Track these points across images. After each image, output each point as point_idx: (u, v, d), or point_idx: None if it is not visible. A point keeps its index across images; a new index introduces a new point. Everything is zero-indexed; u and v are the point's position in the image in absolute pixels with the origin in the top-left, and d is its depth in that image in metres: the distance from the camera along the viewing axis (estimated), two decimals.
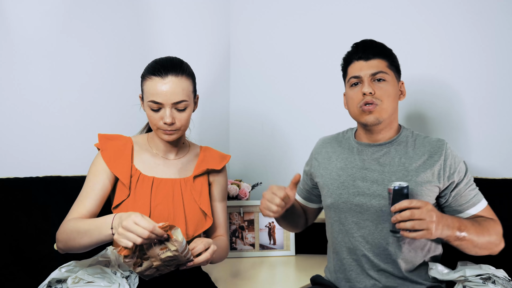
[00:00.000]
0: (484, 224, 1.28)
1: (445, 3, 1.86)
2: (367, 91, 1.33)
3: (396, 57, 1.42)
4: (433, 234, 1.16)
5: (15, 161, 1.56)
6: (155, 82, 1.30)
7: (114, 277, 1.25)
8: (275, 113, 2.30)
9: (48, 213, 1.44)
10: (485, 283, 1.25)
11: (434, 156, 1.33)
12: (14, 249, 1.35)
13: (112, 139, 1.41)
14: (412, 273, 1.34)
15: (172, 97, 1.29)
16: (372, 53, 1.37)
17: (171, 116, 1.30)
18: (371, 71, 1.36)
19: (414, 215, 1.15)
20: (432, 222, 1.15)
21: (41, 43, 1.63)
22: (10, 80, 1.56)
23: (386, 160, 1.37)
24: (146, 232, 1.05)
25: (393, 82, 1.37)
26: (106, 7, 1.82)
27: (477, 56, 1.81)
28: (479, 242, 1.25)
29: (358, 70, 1.38)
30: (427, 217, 1.15)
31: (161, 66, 1.31)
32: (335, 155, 1.48)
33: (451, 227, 1.20)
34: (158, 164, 1.41)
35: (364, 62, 1.38)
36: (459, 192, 1.33)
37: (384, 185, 1.34)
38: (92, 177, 1.34)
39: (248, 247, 1.97)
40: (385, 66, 1.37)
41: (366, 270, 1.35)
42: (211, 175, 1.49)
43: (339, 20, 2.12)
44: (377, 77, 1.35)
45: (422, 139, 1.39)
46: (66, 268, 1.27)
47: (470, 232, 1.23)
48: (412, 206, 1.16)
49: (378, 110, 1.34)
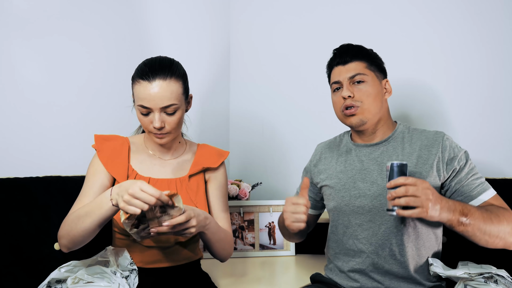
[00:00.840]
0: (493, 211, 1.21)
1: (445, 4, 1.86)
2: (346, 95, 1.36)
3: (377, 56, 1.43)
4: (429, 213, 1.12)
5: (15, 161, 1.56)
6: (143, 86, 1.27)
7: (114, 277, 1.25)
8: (275, 113, 2.30)
9: (48, 213, 1.44)
10: (487, 283, 1.24)
11: (432, 149, 1.32)
12: (14, 249, 1.35)
13: (109, 139, 1.41)
14: (417, 272, 1.32)
15: (160, 102, 1.27)
16: (349, 56, 1.40)
17: (160, 120, 1.28)
18: (349, 74, 1.38)
19: (408, 191, 1.12)
20: (428, 200, 1.11)
21: (41, 43, 1.63)
22: (10, 80, 1.56)
23: (384, 159, 1.37)
24: (153, 198, 1.06)
25: (373, 82, 1.38)
26: (106, 8, 1.82)
27: (477, 55, 1.81)
28: (488, 229, 1.17)
29: (337, 75, 1.41)
30: (422, 194, 1.11)
31: (149, 69, 1.28)
32: (334, 159, 1.49)
33: (452, 209, 1.15)
34: (155, 164, 1.41)
35: (342, 67, 1.40)
36: (460, 181, 1.29)
37: (383, 185, 1.34)
38: (91, 177, 1.34)
39: (248, 247, 1.97)
40: (363, 68, 1.38)
41: (369, 272, 1.35)
42: (207, 173, 1.47)
43: (339, 20, 2.12)
44: (355, 80, 1.37)
45: (419, 133, 1.39)
46: (66, 268, 1.27)
47: (475, 217, 1.17)
48: (407, 183, 1.13)
49: (360, 111, 1.36)
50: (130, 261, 1.32)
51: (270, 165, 2.31)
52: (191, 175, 1.43)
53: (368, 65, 1.39)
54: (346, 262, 1.40)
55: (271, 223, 1.99)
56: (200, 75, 2.23)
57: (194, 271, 1.46)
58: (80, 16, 1.73)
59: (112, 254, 1.31)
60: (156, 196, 1.07)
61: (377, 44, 2.01)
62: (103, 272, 1.26)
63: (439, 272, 1.28)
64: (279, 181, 2.27)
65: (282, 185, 2.26)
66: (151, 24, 2.00)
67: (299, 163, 2.20)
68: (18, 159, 1.57)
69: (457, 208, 1.16)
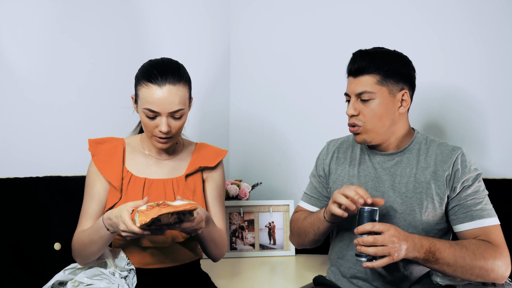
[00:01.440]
0: (470, 248, 1.18)
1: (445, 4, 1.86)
2: (350, 113, 1.30)
3: (401, 62, 1.31)
4: (395, 259, 1.13)
5: (15, 161, 1.56)
6: (152, 90, 1.25)
7: (113, 278, 1.25)
8: (275, 113, 2.30)
9: (48, 213, 1.44)
10: (485, 286, 1.24)
11: (444, 165, 1.29)
12: (14, 249, 1.35)
13: (102, 142, 1.40)
14: (420, 283, 1.32)
15: (169, 107, 1.26)
16: (361, 69, 1.28)
17: (167, 125, 1.27)
18: (357, 90, 1.29)
19: (377, 241, 1.12)
20: (393, 248, 1.12)
21: (41, 43, 1.63)
22: (10, 80, 1.56)
23: (397, 171, 1.33)
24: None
25: (383, 99, 1.28)
26: (106, 8, 1.82)
27: (477, 55, 1.80)
28: (459, 265, 1.17)
29: (348, 86, 1.33)
30: (388, 243, 1.12)
31: (158, 73, 1.26)
32: (347, 161, 1.42)
33: (418, 248, 1.15)
34: (150, 164, 1.40)
35: (353, 79, 1.30)
36: (458, 201, 1.27)
37: (394, 197, 1.31)
38: (90, 183, 1.37)
39: (248, 247, 1.97)
40: (373, 84, 1.27)
41: (371, 281, 1.34)
42: (204, 172, 1.45)
43: (339, 20, 2.11)
44: (362, 97, 1.28)
45: (436, 146, 1.33)
46: (70, 271, 1.29)
47: (444, 255, 1.16)
48: (374, 230, 1.13)
49: (364, 131, 1.30)
50: (127, 261, 1.32)
51: (270, 165, 2.31)
52: (187, 174, 1.41)
53: (381, 78, 1.27)
54: (348, 268, 1.38)
55: (271, 223, 1.99)
56: (200, 75, 2.23)
57: (194, 271, 1.46)
58: (80, 16, 1.73)
59: (109, 255, 1.31)
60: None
61: (377, 44, 2.01)
62: (102, 274, 1.27)
63: (439, 281, 1.29)
64: (279, 181, 2.27)
65: (282, 185, 2.26)
66: (151, 24, 2.00)
67: (299, 163, 2.20)
68: (18, 159, 1.57)
69: (423, 245, 1.16)
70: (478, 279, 1.20)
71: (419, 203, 1.29)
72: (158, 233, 1.16)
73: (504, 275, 1.19)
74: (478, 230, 1.23)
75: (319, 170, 1.51)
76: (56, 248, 1.41)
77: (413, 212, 1.29)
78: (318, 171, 1.51)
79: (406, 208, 1.30)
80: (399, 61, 1.31)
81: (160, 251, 1.36)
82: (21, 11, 1.57)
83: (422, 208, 1.28)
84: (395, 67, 1.29)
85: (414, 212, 1.29)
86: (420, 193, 1.29)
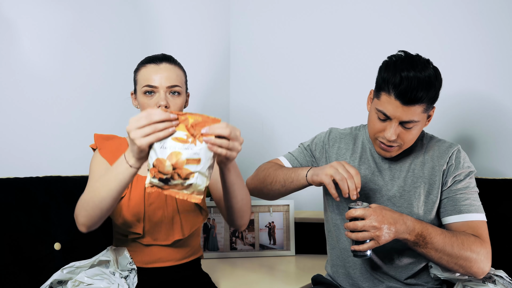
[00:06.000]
0: (462, 237, 1.20)
1: (446, 4, 1.86)
2: (391, 138, 1.23)
3: (440, 86, 1.24)
4: (381, 242, 1.15)
5: (15, 161, 1.56)
6: (150, 69, 1.32)
7: (113, 277, 1.25)
8: (275, 112, 2.30)
9: (48, 213, 1.44)
10: (485, 283, 1.24)
11: (441, 161, 1.32)
12: (14, 249, 1.34)
13: (108, 139, 1.41)
14: (418, 276, 1.34)
15: (167, 81, 1.30)
16: (416, 100, 1.18)
17: (166, 100, 1.29)
18: (403, 118, 1.21)
19: (356, 226, 1.16)
20: (375, 233, 1.14)
21: (40, 43, 1.63)
22: (10, 80, 1.56)
23: (397, 165, 1.35)
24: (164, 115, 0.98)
25: (422, 122, 1.25)
26: (106, 8, 1.82)
27: (477, 55, 1.81)
28: (447, 253, 1.18)
29: (391, 109, 1.21)
30: (370, 228, 1.14)
31: (155, 57, 1.35)
32: (349, 151, 1.42)
33: (410, 229, 1.17)
34: None
35: (399, 105, 1.19)
36: (448, 194, 1.30)
37: (393, 191, 1.33)
38: (96, 169, 1.33)
39: (248, 247, 1.97)
40: (420, 113, 1.21)
41: (369, 270, 1.36)
42: None
43: (339, 20, 2.12)
44: (406, 126, 1.23)
45: (434, 143, 1.36)
46: (68, 270, 1.28)
47: (435, 240, 1.18)
48: (355, 215, 1.16)
49: (396, 150, 1.29)
50: (129, 261, 1.32)
51: None
52: None
53: (427, 107, 1.22)
54: (345, 259, 1.40)
55: (271, 223, 1.99)
56: (200, 75, 2.23)
57: (195, 271, 1.46)
58: (80, 16, 1.73)
59: (113, 253, 1.32)
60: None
61: (377, 45, 2.02)
62: (102, 274, 1.26)
63: (438, 274, 1.29)
64: None
65: None
66: (151, 24, 2.00)
67: None
68: (18, 159, 1.57)
69: (416, 229, 1.18)
70: (460, 270, 1.21)
71: (417, 197, 1.31)
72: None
73: (484, 269, 1.21)
74: (465, 224, 1.25)
75: (316, 151, 1.48)
76: (56, 248, 1.41)
77: (410, 206, 1.31)
78: (314, 150, 1.48)
79: (404, 202, 1.32)
80: (440, 85, 1.24)
81: (162, 248, 1.37)
82: (22, 11, 1.57)
83: (420, 202, 1.31)
84: (436, 96, 1.24)
85: (412, 206, 1.31)
86: (418, 188, 1.31)
